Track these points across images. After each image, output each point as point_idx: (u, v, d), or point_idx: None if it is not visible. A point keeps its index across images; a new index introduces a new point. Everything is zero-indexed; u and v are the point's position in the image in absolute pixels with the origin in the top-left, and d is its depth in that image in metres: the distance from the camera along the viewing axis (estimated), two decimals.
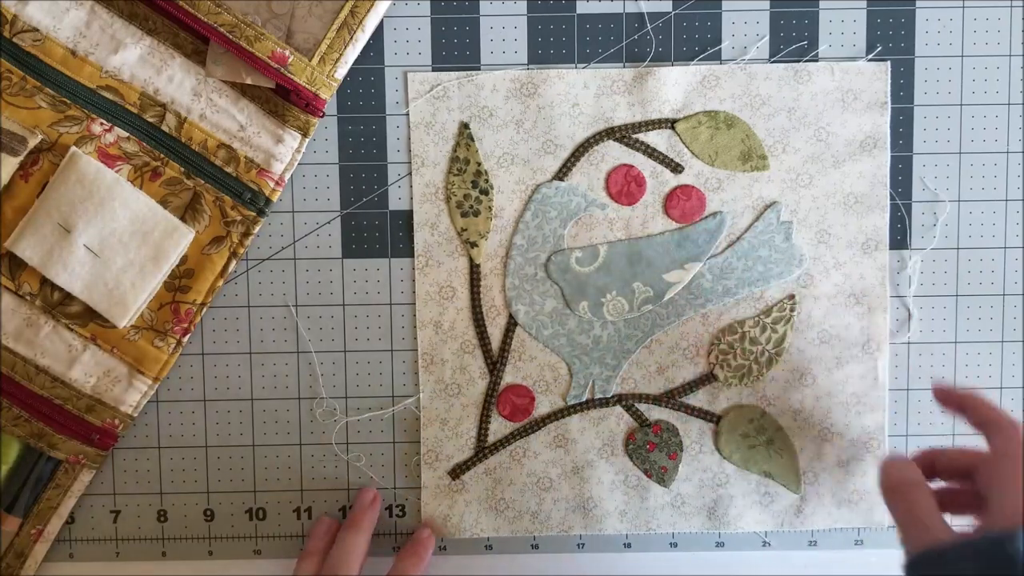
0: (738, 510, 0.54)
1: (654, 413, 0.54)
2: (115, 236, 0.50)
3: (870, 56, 0.53)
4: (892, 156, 0.53)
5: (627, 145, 0.53)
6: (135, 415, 0.52)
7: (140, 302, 0.51)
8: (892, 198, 0.53)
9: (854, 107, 0.52)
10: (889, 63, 0.52)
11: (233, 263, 0.52)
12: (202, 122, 0.51)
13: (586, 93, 0.52)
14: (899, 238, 0.53)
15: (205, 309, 0.52)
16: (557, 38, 0.53)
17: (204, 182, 0.51)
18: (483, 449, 0.54)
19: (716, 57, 0.53)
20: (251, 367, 0.54)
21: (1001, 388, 0.54)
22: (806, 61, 0.52)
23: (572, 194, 0.53)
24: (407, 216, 0.53)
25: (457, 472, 0.54)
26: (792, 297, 0.53)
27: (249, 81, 0.50)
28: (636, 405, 0.54)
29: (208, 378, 0.54)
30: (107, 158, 0.50)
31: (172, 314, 0.51)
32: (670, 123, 0.53)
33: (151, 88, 0.51)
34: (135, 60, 0.50)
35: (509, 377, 0.54)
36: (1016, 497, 0.41)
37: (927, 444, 0.54)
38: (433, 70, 0.53)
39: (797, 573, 0.54)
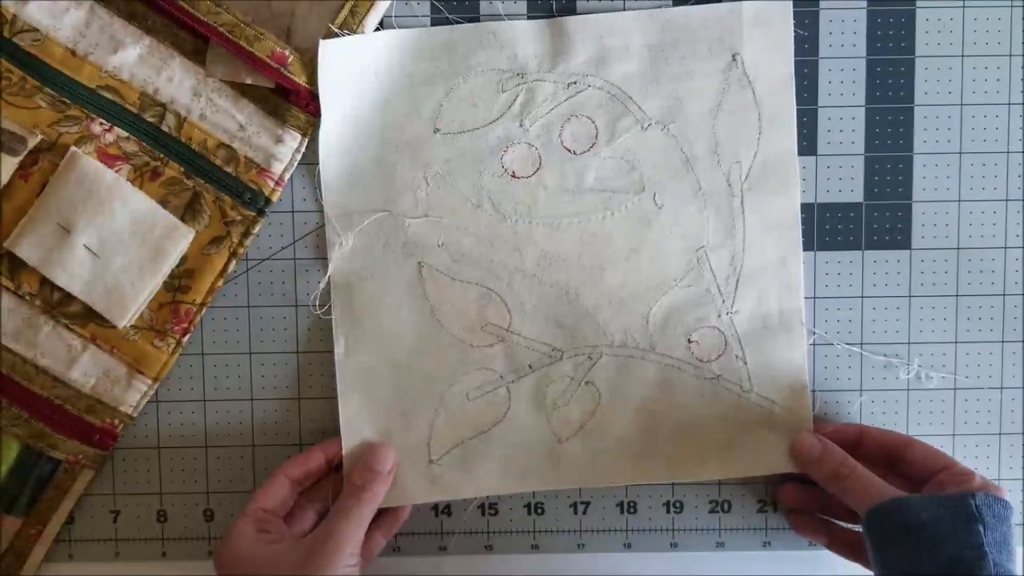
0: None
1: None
2: (115, 236, 0.50)
3: (869, 56, 0.52)
4: (892, 156, 0.53)
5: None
6: (135, 415, 0.52)
7: (140, 302, 0.51)
8: (892, 198, 0.53)
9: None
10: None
11: (233, 263, 0.52)
12: (202, 122, 0.51)
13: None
14: (900, 238, 0.53)
15: (205, 309, 0.52)
16: None
17: (204, 182, 0.51)
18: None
19: None
20: (251, 367, 0.54)
21: (1001, 388, 0.54)
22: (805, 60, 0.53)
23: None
24: None
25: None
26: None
27: (249, 81, 0.50)
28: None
29: (208, 378, 0.54)
30: (107, 158, 0.50)
31: (172, 314, 0.51)
32: None
33: (151, 88, 0.51)
34: (135, 60, 0.50)
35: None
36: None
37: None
38: None
39: (797, 573, 0.54)
